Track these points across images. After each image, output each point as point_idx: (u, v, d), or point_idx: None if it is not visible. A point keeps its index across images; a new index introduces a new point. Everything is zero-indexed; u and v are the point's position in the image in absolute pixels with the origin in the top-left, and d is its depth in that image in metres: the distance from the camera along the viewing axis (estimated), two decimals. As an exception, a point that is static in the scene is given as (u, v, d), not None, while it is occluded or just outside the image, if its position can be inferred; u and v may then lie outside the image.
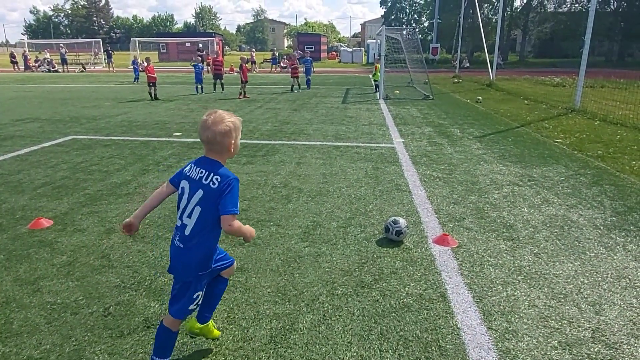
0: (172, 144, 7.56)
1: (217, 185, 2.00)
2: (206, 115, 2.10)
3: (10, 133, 8.44)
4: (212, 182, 2.01)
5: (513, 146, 7.47)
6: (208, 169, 2.04)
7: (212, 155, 2.10)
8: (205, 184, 2.01)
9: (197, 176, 2.05)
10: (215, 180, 2.01)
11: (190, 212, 2.03)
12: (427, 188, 5.22)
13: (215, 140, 2.05)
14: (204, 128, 2.06)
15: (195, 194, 2.02)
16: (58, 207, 4.55)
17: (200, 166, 2.07)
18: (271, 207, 4.58)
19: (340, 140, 7.86)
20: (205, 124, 2.06)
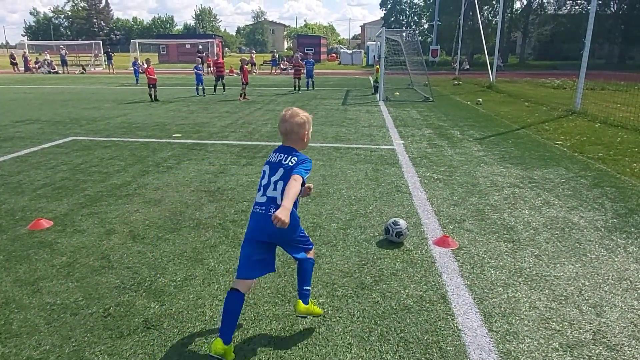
0: (171, 145, 7.56)
1: (294, 164, 2.36)
2: (284, 110, 2.49)
3: (10, 134, 8.44)
4: (290, 162, 2.37)
5: (514, 148, 7.46)
6: (286, 153, 2.42)
7: (289, 143, 2.46)
8: (284, 164, 2.37)
9: (277, 159, 2.42)
10: (293, 160, 2.38)
11: (274, 186, 2.36)
12: (428, 190, 5.21)
13: (293, 130, 2.43)
14: (283, 121, 2.44)
15: (277, 172, 2.37)
16: (58, 208, 4.54)
17: (279, 152, 2.45)
18: (271, 208, 4.57)
19: (340, 142, 7.86)
20: (284, 118, 2.44)
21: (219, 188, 5.20)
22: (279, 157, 2.41)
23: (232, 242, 3.76)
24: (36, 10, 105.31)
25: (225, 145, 7.53)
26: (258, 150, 7.19)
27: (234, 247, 3.67)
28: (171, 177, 5.64)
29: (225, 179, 5.55)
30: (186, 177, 5.64)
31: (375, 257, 3.54)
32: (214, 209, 4.53)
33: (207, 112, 11.61)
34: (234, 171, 5.92)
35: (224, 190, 5.14)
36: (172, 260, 3.45)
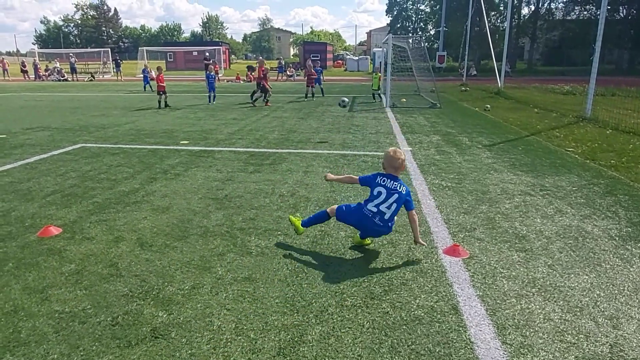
0: (179, 152, 7.58)
1: (404, 192, 3.53)
2: (393, 151, 3.58)
3: (21, 141, 8.51)
4: (402, 190, 3.52)
5: (524, 155, 7.39)
6: (397, 181, 3.54)
7: (395, 173, 3.57)
8: (399, 190, 3.49)
9: (392, 186, 3.49)
10: (404, 188, 3.53)
11: (389, 206, 3.46)
12: (436, 197, 5.16)
13: (401, 165, 3.56)
14: (396, 158, 3.53)
15: (392, 196, 3.47)
16: (67, 215, 4.55)
17: (391, 179, 3.53)
18: (279, 216, 4.55)
19: (347, 149, 7.83)
20: (396, 155, 3.55)
21: (226, 195, 5.19)
22: (393, 185, 3.49)
23: (239, 251, 3.74)
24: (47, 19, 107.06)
25: (232, 152, 7.53)
26: (265, 157, 7.18)
27: (241, 256, 3.64)
28: (179, 184, 5.64)
29: (232, 186, 5.54)
30: (194, 184, 5.64)
31: (385, 266, 3.49)
32: (221, 217, 4.51)
33: (214, 119, 11.65)
34: (241, 178, 5.91)
35: (232, 197, 5.12)
36: (180, 269, 3.43)
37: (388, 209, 3.44)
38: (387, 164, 3.57)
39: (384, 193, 3.46)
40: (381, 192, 3.47)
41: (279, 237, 4.02)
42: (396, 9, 71.05)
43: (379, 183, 3.52)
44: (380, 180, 3.53)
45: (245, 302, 2.97)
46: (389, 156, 3.56)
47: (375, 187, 3.53)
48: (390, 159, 3.54)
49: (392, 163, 3.54)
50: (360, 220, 3.55)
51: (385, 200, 3.44)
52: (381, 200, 3.45)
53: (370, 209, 3.48)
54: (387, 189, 3.48)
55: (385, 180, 3.52)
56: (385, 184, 3.50)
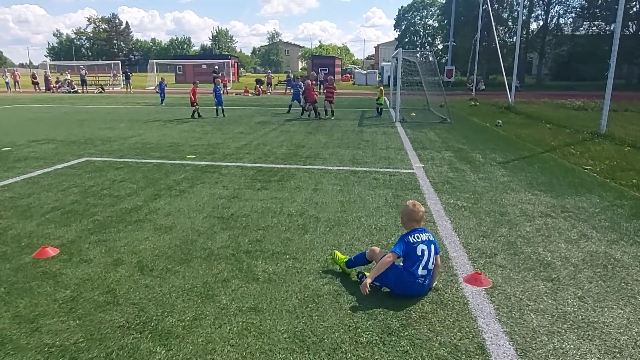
0: (185, 167, 7.40)
1: (434, 240, 3.34)
2: (413, 204, 3.39)
3: (25, 154, 8.39)
4: (434, 240, 3.34)
5: (540, 173, 7.12)
6: (427, 233, 3.35)
7: (419, 225, 3.38)
8: (432, 240, 3.31)
9: (427, 238, 3.29)
10: (433, 237, 3.36)
11: (433, 262, 3.24)
12: (453, 219, 4.91)
13: (422, 217, 3.39)
14: (418, 211, 3.35)
15: (432, 248, 3.25)
16: (65, 234, 4.35)
17: (422, 233, 3.33)
18: (287, 237, 4.32)
19: (358, 165, 7.61)
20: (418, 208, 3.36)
21: (232, 214, 4.97)
22: (428, 237, 3.30)
23: (245, 277, 3.50)
24: (59, 32, 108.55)
25: (239, 168, 7.34)
26: (273, 173, 6.97)
27: (247, 282, 3.41)
28: (183, 201, 5.43)
29: (239, 205, 5.33)
30: (199, 201, 5.44)
31: (401, 296, 3.23)
32: (226, 238, 4.29)
33: (221, 133, 11.51)
34: (248, 196, 5.70)
35: (238, 217, 4.90)
36: (181, 297, 3.19)
37: (432, 262, 3.23)
38: (407, 218, 3.36)
39: (427, 249, 3.21)
40: (424, 249, 3.20)
41: (287, 262, 3.78)
42: (404, 23, 71.61)
43: (417, 242, 3.23)
44: (415, 238, 3.24)
45: (250, 336, 2.73)
46: (408, 210, 3.35)
47: (417, 247, 3.20)
48: (411, 213, 3.34)
49: (414, 217, 3.34)
50: (411, 290, 3.19)
51: (429, 256, 3.20)
52: (427, 259, 3.18)
53: (422, 273, 3.16)
54: (426, 243, 3.23)
55: (419, 236, 3.27)
56: (422, 239, 3.25)
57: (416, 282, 3.15)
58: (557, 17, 47.29)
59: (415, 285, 3.16)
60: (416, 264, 3.15)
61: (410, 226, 3.35)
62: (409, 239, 3.24)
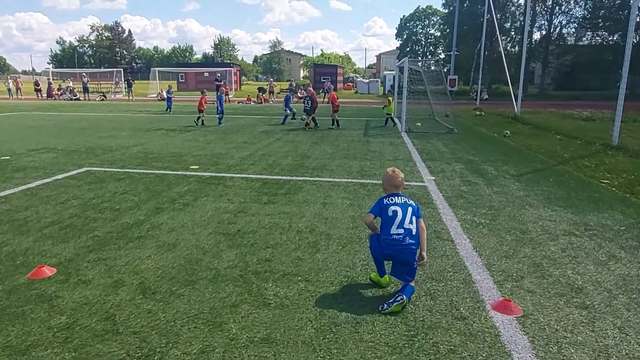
0: (188, 178, 7.15)
1: (415, 205, 3.43)
2: (392, 171, 3.54)
3: (24, 164, 8.16)
4: (412, 202, 3.43)
5: (557, 187, 6.87)
6: (403, 197, 3.44)
7: (398, 191, 3.49)
8: (409, 204, 3.40)
9: (402, 201, 3.39)
10: (412, 201, 3.44)
11: (410, 220, 3.32)
12: (471, 237, 4.65)
13: (401, 184, 3.51)
14: (396, 177, 3.49)
15: (408, 209, 3.35)
16: (63, 251, 4.10)
17: (398, 197, 3.43)
18: (298, 257, 4.06)
19: (366, 177, 7.37)
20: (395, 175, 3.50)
21: (239, 230, 4.72)
22: (403, 200, 3.41)
23: (255, 301, 3.24)
24: (62, 40, 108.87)
25: (244, 180, 7.09)
26: (280, 185, 6.72)
27: (258, 308, 3.15)
28: (187, 216, 5.18)
29: (245, 220, 5.07)
30: (203, 216, 5.19)
31: (425, 325, 2.97)
32: (233, 257, 4.03)
33: (224, 143, 11.28)
34: (254, 210, 5.45)
35: (245, 233, 4.65)
36: (187, 324, 2.94)
37: (411, 223, 3.32)
38: (387, 183, 3.53)
39: (400, 211, 3.33)
40: (396, 211, 3.33)
41: (299, 284, 3.52)
42: (406, 32, 71.85)
43: (390, 203, 3.38)
44: (389, 200, 3.40)
45: (264, 373, 2.47)
46: (388, 176, 3.54)
47: (388, 208, 3.35)
48: (390, 178, 3.51)
49: (393, 182, 3.51)
50: (392, 251, 3.29)
51: (404, 216, 3.31)
52: (401, 219, 3.30)
53: (397, 232, 3.28)
54: (400, 205, 3.36)
55: (392, 198, 3.42)
56: (395, 201, 3.39)
57: (393, 240, 3.27)
58: (560, 27, 47.35)
59: (392, 243, 3.27)
60: (389, 225, 3.31)
61: (389, 191, 3.50)
62: (383, 202, 3.42)
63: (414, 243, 3.30)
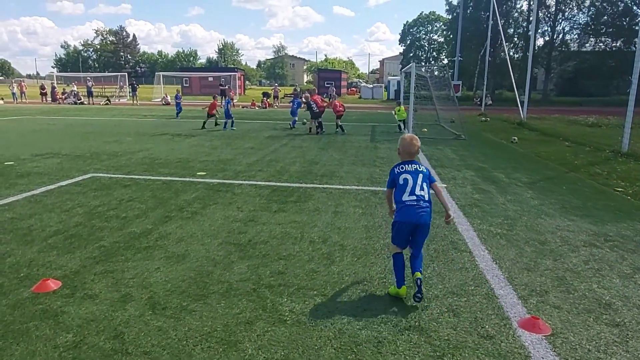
0: (195, 185, 7.03)
1: (426, 171, 3.46)
2: (409, 137, 3.56)
3: (28, 169, 8.04)
4: (423, 169, 3.46)
5: (571, 196, 6.72)
6: (416, 164, 3.48)
7: (412, 158, 3.55)
8: (420, 170, 3.44)
9: (413, 168, 3.44)
10: (423, 168, 3.47)
11: (421, 186, 3.37)
12: (490, 248, 4.50)
13: (417, 152, 3.58)
14: (412, 145, 3.51)
15: (419, 176, 3.39)
16: (68, 263, 3.96)
17: (410, 164, 3.47)
18: (312, 269, 3.92)
19: (377, 185, 7.23)
20: (413, 142, 3.52)
21: (249, 240, 4.58)
22: (414, 167, 3.45)
23: (270, 317, 3.10)
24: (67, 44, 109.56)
25: (253, 187, 6.96)
26: (289, 193, 6.59)
27: (273, 325, 3.00)
28: (196, 225, 5.05)
29: (256, 229, 4.94)
30: (212, 225, 5.05)
31: (451, 345, 2.82)
32: (245, 269, 3.89)
33: (230, 148, 11.17)
34: (265, 219, 5.31)
35: (256, 243, 4.51)
36: (200, 343, 2.79)
37: (422, 189, 3.38)
38: (403, 150, 3.55)
39: (410, 178, 3.40)
40: (407, 179, 3.41)
41: (315, 299, 3.38)
42: (409, 38, 71.83)
43: (401, 172, 3.46)
44: (400, 169, 3.48)
45: (283, 398, 2.32)
46: (405, 142, 3.54)
47: (399, 177, 3.44)
48: (408, 145, 3.53)
49: (409, 149, 3.54)
50: (411, 214, 3.34)
51: (415, 183, 3.38)
52: (412, 186, 3.38)
53: (409, 199, 3.36)
54: (410, 172, 3.43)
55: (403, 166, 3.48)
56: (406, 169, 3.45)
57: (406, 206, 3.35)
58: (563, 33, 47.28)
59: (407, 209, 3.35)
60: (401, 192, 3.40)
61: (403, 158, 3.55)
62: (394, 171, 3.51)
63: (429, 207, 3.39)
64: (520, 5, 49.06)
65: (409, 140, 3.52)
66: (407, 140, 3.53)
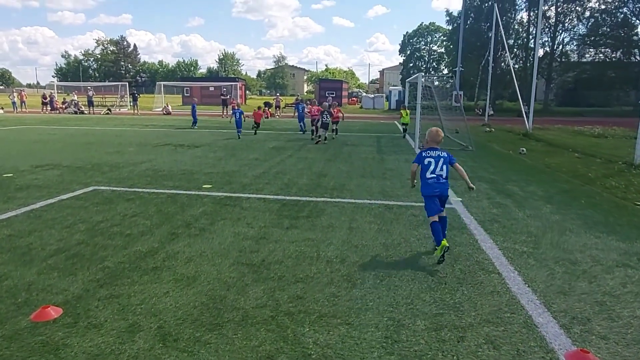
0: (202, 199, 6.76)
1: (446, 155, 4.56)
2: (435, 130, 4.71)
3: (27, 182, 7.77)
4: (444, 154, 4.55)
5: (591, 210, 6.47)
6: (437, 150, 4.57)
7: (436, 145, 4.61)
8: (442, 155, 4.53)
9: (436, 154, 4.54)
10: (445, 154, 4.56)
11: (441, 168, 4.50)
12: (519, 268, 4.23)
13: (441, 140, 4.66)
14: (437, 135, 4.66)
15: (440, 160, 4.51)
16: (70, 286, 3.68)
17: (433, 150, 4.57)
18: (332, 293, 3.65)
19: (390, 199, 6.97)
20: (438, 133, 4.68)
21: (263, 260, 4.31)
22: (437, 153, 4.54)
23: (293, 351, 2.82)
24: (67, 53, 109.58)
25: (261, 201, 6.70)
26: (300, 208, 6.32)
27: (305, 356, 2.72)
28: (205, 243, 4.78)
29: (268, 248, 4.66)
30: (222, 243, 4.78)
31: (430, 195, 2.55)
32: (261, 293, 3.62)
33: (235, 159, 10.92)
34: (277, 236, 5.04)
35: (270, 263, 4.24)
36: (217, 382, 2.51)
37: (442, 170, 4.52)
38: (431, 139, 4.68)
39: (433, 161, 4.53)
40: (430, 161, 4.53)
41: (339, 328, 3.10)
42: (409, 48, 72.11)
43: (426, 156, 4.58)
44: (426, 154, 4.59)
45: None
46: (432, 134, 4.69)
47: (424, 160, 4.58)
48: (434, 135, 4.68)
49: (435, 139, 4.67)
50: (433, 188, 4.51)
51: (436, 166, 4.51)
52: (433, 167, 4.51)
53: (430, 177, 4.52)
54: (433, 157, 4.54)
55: (429, 152, 4.59)
56: (430, 154, 4.57)
57: (428, 182, 4.54)
58: (562, 44, 47.40)
59: (429, 184, 4.54)
60: (425, 171, 4.56)
61: (429, 145, 4.66)
62: (422, 154, 4.63)
63: (445, 182, 4.56)
64: (519, 17, 49.22)
65: (435, 132, 4.70)
66: (434, 132, 4.70)
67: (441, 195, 4.54)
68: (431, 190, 4.52)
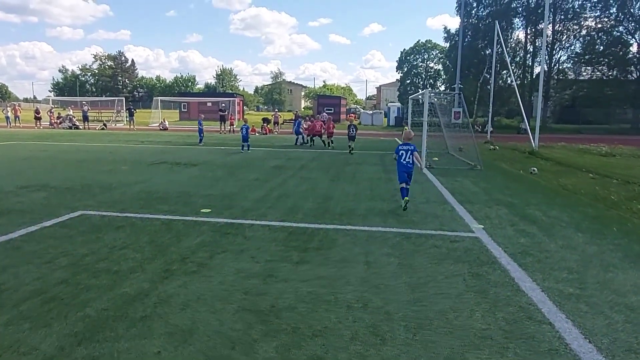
0: (200, 226, 6.15)
1: (413, 147, 7.63)
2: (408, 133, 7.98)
3: (9, 206, 7.13)
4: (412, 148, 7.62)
5: (627, 240, 5.90)
6: (408, 145, 7.63)
7: (408, 141, 7.73)
8: (410, 148, 7.59)
9: (406, 148, 7.60)
10: (412, 147, 7.63)
11: (408, 155, 7.54)
12: (571, 317, 3.63)
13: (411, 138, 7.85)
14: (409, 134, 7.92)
15: (408, 151, 7.56)
16: (42, 343, 3.05)
17: (406, 145, 7.62)
18: (359, 353, 3.03)
19: (405, 226, 6.38)
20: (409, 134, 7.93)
21: (272, 306, 3.69)
22: (407, 147, 7.58)
23: None
24: (65, 68, 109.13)
25: (266, 228, 6.09)
26: (308, 237, 5.71)
27: None
28: (203, 283, 4.15)
29: (277, 289, 4.05)
30: (223, 282, 4.16)
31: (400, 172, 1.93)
32: (273, 353, 2.99)
33: (234, 179, 10.33)
34: (286, 274, 4.42)
35: (280, 310, 3.62)
36: None
37: (409, 157, 7.48)
38: (405, 137, 7.79)
39: (405, 151, 7.50)
40: (403, 152, 7.49)
41: (373, 406, 2.48)
42: (406, 65, 72.39)
43: (402, 149, 7.54)
44: (401, 147, 7.57)
45: None
46: (406, 133, 7.88)
47: (400, 151, 7.54)
48: (407, 134, 7.83)
49: (407, 136, 7.77)
50: (405, 167, 7.47)
51: (406, 154, 7.49)
52: (405, 155, 7.50)
53: (404, 161, 7.49)
54: (405, 150, 7.51)
55: (403, 146, 7.56)
56: (404, 148, 7.53)
57: (402, 163, 7.48)
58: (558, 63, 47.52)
59: (402, 164, 7.50)
60: (400, 159, 7.51)
61: (403, 141, 7.72)
62: (398, 148, 7.59)
63: (412, 165, 7.46)
64: (516, 35, 49.43)
65: (407, 132, 7.89)
66: (407, 132, 7.89)
67: (408, 172, 7.44)
68: (404, 168, 7.44)
